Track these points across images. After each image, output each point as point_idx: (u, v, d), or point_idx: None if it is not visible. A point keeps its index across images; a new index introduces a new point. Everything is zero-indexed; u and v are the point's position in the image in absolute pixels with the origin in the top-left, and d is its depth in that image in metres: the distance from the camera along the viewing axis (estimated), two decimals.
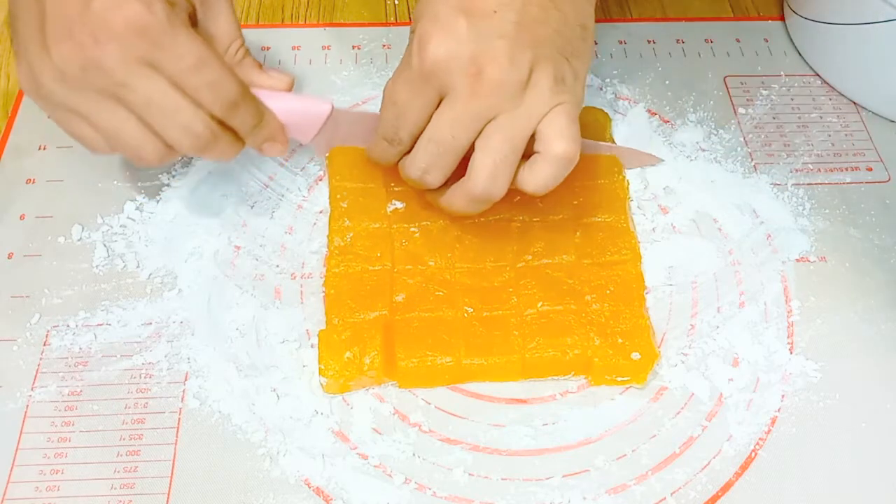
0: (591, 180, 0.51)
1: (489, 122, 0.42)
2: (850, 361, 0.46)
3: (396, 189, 0.50)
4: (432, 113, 0.42)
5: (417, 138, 0.44)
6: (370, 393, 0.45)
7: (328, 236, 0.49)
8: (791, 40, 0.63)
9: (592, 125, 0.55)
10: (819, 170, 0.55)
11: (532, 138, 0.42)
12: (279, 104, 0.45)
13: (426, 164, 0.43)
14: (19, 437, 0.43)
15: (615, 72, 0.60)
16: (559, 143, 0.42)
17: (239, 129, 0.44)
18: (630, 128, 0.56)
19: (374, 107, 0.57)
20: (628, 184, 0.52)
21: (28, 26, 0.40)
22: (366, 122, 0.49)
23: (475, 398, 0.45)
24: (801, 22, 0.61)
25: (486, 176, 0.42)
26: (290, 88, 0.48)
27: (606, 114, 0.56)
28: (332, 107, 0.47)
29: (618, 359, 0.44)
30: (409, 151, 0.45)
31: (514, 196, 0.50)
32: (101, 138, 0.42)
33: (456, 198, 0.44)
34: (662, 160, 0.54)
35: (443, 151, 0.43)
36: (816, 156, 0.56)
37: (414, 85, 0.42)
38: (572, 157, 0.42)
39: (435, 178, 0.44)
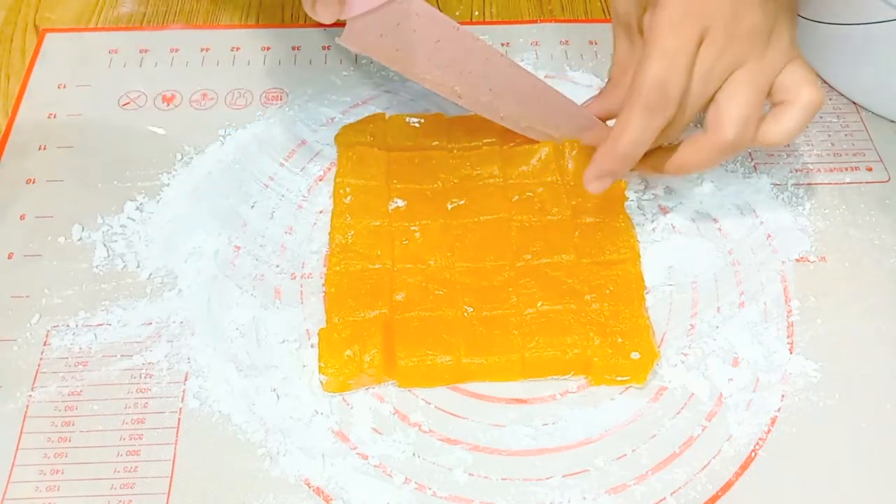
0: None
1: (733, 71, 0.42)
2: (850, 361, 0.46)
3: (399, 186, 0.50)
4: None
5: (681, 99, 0.41)
6: (370, 393, 0.45)
7: (330, 233, 0.49)
8: None
9: None
10: (819, 170, 0.55)
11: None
12: None
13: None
14: (19, 437, 0.43)
15: None
16: (809, 90, 0.42)
17: None
18: None
19: (374, 107, 0.57)
20: (626, 184, 0.52)
21: None
22: (436, 25, 0.44)
23: (475, 398, 0.45)
24: (801, 22, 0.61)
25: (738, 125, 0.41)
26: None
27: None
28: None
29: (617, 358, 0.44)
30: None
31: (513, 195, 0.50)
32: None
33: (700, 150, 0.43)
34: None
35: (693, 102, 0.42)
36: (816, 156, 0.56)
37: (680, 25, 0.41)
38: (820, 103, 0.43)
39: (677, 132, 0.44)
